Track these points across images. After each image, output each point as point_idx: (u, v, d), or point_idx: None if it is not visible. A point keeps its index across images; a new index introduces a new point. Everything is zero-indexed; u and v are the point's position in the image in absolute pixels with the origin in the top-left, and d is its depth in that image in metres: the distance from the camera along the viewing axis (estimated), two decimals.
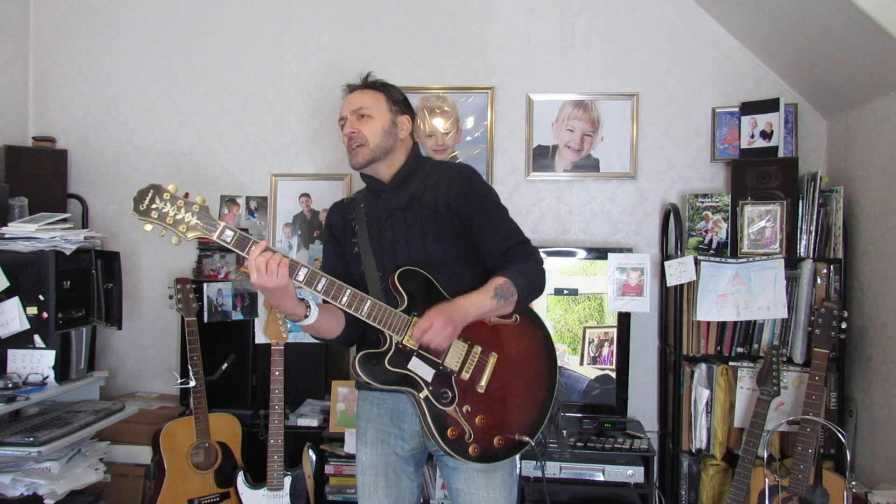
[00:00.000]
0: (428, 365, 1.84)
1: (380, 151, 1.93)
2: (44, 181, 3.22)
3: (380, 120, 1.92)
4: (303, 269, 1.73)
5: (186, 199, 1.70)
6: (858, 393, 2.79)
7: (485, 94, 3.30)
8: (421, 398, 1.84)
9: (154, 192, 1.71)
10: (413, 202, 1.93)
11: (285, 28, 3.44)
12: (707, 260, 2.84)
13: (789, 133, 3.07)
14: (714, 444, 2.84)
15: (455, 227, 1.91)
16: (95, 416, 2.79)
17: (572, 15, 3.29)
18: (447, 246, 1.90)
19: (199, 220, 1.70)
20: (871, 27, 2.33)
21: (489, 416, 1.86)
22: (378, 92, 1.96)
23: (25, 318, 2.72)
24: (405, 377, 1.84)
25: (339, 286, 1.78)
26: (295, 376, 3.01)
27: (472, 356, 1.87)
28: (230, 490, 2.84)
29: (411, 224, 1.92)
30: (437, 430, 1.82)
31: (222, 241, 1.70)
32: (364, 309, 1.79)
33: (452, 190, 1.92)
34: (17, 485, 2.55)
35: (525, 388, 1.91)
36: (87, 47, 3.53)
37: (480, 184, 1.97)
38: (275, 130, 3.45)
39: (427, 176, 1.97)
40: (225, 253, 3.28)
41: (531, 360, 1.93)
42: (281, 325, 2.80)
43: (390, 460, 1.95)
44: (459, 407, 1.85)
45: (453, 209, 1.91)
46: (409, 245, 1.91)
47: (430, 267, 1.88)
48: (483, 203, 1.93)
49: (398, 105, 1.97)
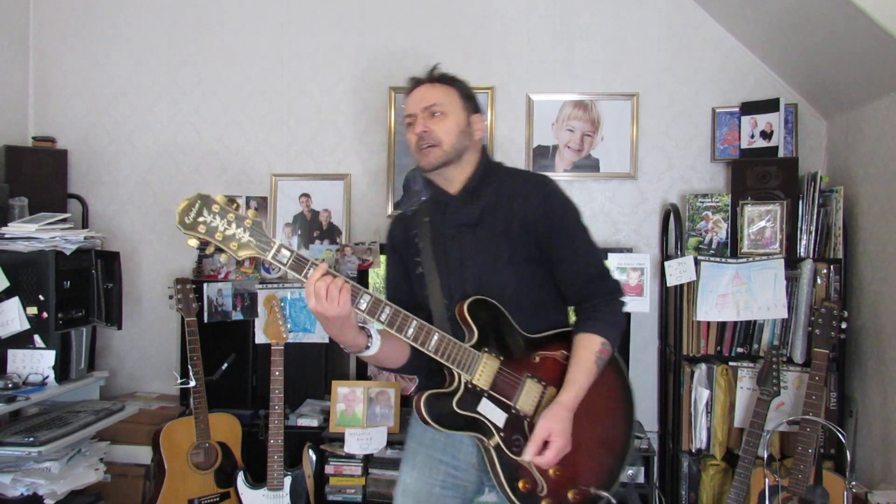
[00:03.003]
0: (499, 408, 1.65)
1: (454, 153, 1.73)
2: (44, 181, 3.21)
3: (455, 118, 1.74)
4: (365, 297, 1.56)
5: (237, 213, 1.49)
6: (858, 393, 2.79)
7: (485, 94, 3.30)
8: (491, 445, 1.64)
9: (201, 203, 1.47)
10: (484, 218, 1.72)
11: (285, 28, 3.44)
12: (707, 260, 2.84)
13: (789, 133, 3.07)
14: (714, 444, 2.84)
15: (531, 250, 1.70)
16: (95, 416, 2.79)
17: (572, 15, 3.29)
18: (522, 271, 1.70)
19: (252, 238, 1.49)
20: (871, 27, 2.33)
21: (563, 467, 1.65)
22: (450, 87, 1.79)
23: (25, 318, 2.72)
24: (474, 421, 1.64)
25: (404, 316, 1.59)
26: (295, 376, 3.01)
27: (546, 399, 1.67)
28: (230, 490, 2.84)
29: (482, 244, 1.71)
30: (507, 482, 1.63)
31: (277, 261, 1.51)
32: (431, 343, 1.61)
33: (530, 207, 1.69)
34: (17, 485, 2.55)
35: (602, 435, 1.72)
36: (88, 47, 3.53)
37: (560, 200, 1.73)
38: (275, 130, 3.45)
39: (500, 187, 1.75)
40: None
41: (609, 405, 1.74)
42: (281, 325, 2.80)
43: (434, 492, 1.77)
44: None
45: (531, 230, 1.69)
46: (479, 269, 1.70)
47: (503, 295, 1.68)
48: (563, 223, 1.71)
49: (471, 102, 1.79)
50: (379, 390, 2.95)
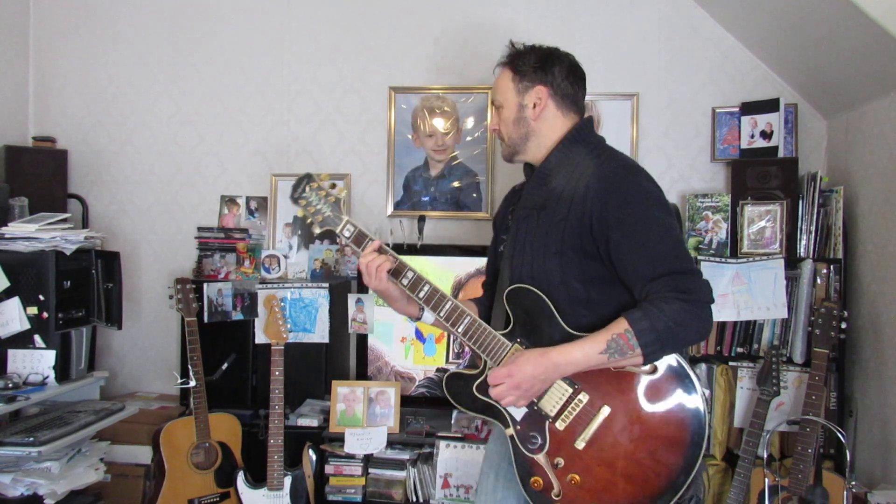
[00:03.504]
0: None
1: (516, 143, 1.70)
2: (44, 181, 3.22)
3: (508, 108, 1.70)
4: (409, 274, 1.67)
5: (328, 190, 1.73)
6: (858, 393, 2.79)
7: (485, 94, 3.30)
8: (507, 435, 1.62)
9: (307, 180, 1.73)
10: (548, 203, 1.62)
11: (285, 28, 3.44)
12: (707, 260, 2.84)
13: (789, 133, 3.07)
14: (714, 444, 2.84)
15: (586, 242, 1.56)
16: (95, 416, 2.79)
17: (572, 15, 3.29)
18: (569, 262, 1.57)
19: (331, 213, 1.72)
20: (871, 27, 2.33)
21: (587, 479, 1.55)
22: (506, 69, 1.73)
23: (25, 318, 2.72)
24: (491, 407, 1.63)
25: (441, 296, 1.64)
26: (295, 376, 3.01)
27: (574, 404, 1.56)
28: (230, 490, 2.84)
29: (542, 230, 1.62)
30: (520, 475, 1.60)
31: (342, 235, 1.71)
32: (461, 326, 1.63)
33: (589, 195, 1.55)
34: (18, 485, 2.55)
35: (644, 457, 1.52)
36: (88, 47, 3.53)
37: (624, 194, 1.54)
38: (275, 130, 3.45)
39: (573, 172, 1.62)
40: (225, 253, 3.28)
41: (661, 426, 1.52)
42: (281, 325, 2.80)
43: (505, 455, 1.70)
44: (550, 457, 1.58)
45: (585, 221, 1.55)
46: (533, 255, 1.62)
47: (547, 285, 1.59)
48: (621, 216, 1.52)
49: (527, 77, 1.68)
50: (379, 390, 2.95)
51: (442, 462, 2.80)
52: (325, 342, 3.05)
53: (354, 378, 3.23)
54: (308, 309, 3.04)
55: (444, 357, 3.08)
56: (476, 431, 2.83)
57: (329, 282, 3.10)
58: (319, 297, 3.04)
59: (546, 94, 1.68)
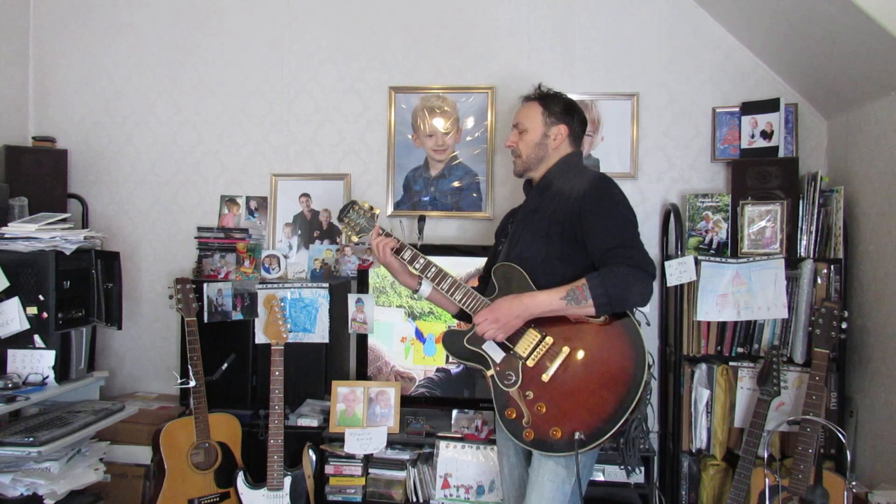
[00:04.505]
0: (500, 348, 2.04)
1: (531, 162, 2.17)
2: (44, 181, 3.22)
3: (533, 133, 2.16)
4: (408, 252, 2.17)
5: (367, 210, 2.25)
6: (858, 393, 2.79)
7: (485, 94, 3.30)
8: (488, 376, 2.05)
9: (351, 205, 2.25)
10: (542, 205, 2.10)
11: (285, 28, 3.44)
12: (707, 260, 2.84)
13: (789, 133, 3.07)
14: (714, 444, 2.84)
15: (566, 228, 2.01)
16: (95, 416, 2.79)
17: (572, 15, 3.29)
18: (552, 244, 2.02)
19: (366, 223, 2.25)
20: (871, 27, 2.34)
21: (551, 407, 1.95)
22: (536, 104, 2.18)
23: (25, 318, 2.72)
24: (477, 354, 2.07)
25: (438, 269, 2.13)
26: (295, 376, 3.01)
27: (541, 346, 2.00)
28: (230, 490, 2.84)
29: (535, 224, 2.09)
30: (497, 408, 2.02)
31: (374, 234, 2.24)
32: (458, 295, 2.10)
33: (574, 194, 2.03)
34: (17, 485, 2.55)
35: (597, 388, 1.93)
36: (88, 47, 3.53)
37: (599, 192, 2.02)
38: (275, 130, 3.45)
39: (564, 184, 2.09)
40: (225, 253, 3.28)
41: (609, 363, 1.94)
42: (281, 325, 2.80)
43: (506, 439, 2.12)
44: (522, 391, 1.99)
45: (568, 213, 2.01)
46: (525, 242, 2.10)
47: (533, 263, 2.04)
48: (596, 205, 1.99)
49: (554, 116, 2.15)
50: (379, 390, 2.95)
51: (442, 462, 2.80)
52: (325, 342, 3.05)
53: (354, 378, 3.23)
54: (308, 309, 3.04)
55: (445, 357, 3.08)
56: (476, 432, 2.83)
57: (329, 282, 3.10)
58: (319, 297, 3.04)
59: (566, 132, 2.17)
